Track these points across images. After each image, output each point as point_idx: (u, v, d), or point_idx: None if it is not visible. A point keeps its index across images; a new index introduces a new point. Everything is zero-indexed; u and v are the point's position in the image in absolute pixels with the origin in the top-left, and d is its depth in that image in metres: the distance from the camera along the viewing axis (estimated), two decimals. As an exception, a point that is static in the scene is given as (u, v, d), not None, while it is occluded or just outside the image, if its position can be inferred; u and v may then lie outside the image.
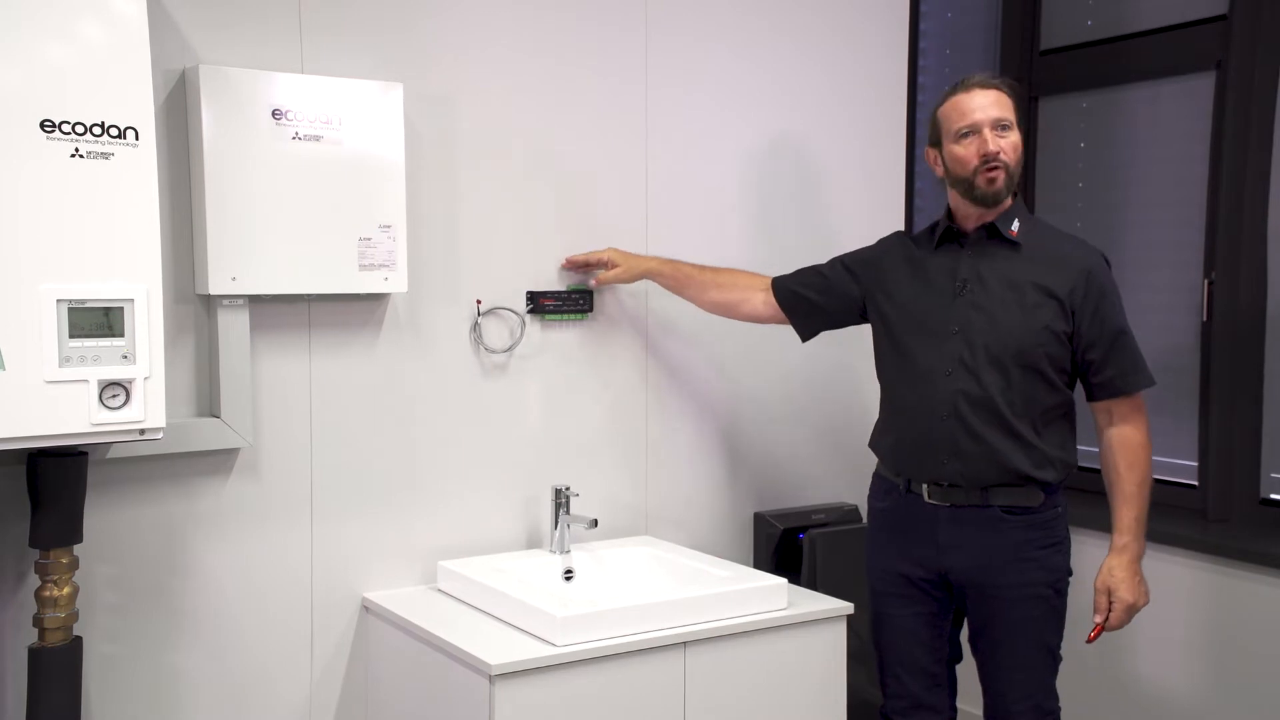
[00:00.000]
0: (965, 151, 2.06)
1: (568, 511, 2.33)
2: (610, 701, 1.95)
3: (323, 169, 2.04)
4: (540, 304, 2.38)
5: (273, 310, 2.08)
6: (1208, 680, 2.59)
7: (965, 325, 2.07)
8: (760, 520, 2.67)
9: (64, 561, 1.79)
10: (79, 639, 1.83)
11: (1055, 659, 2.13)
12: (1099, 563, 2.11)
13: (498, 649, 1.89)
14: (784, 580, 2.17)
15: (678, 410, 2.58)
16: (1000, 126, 2.05)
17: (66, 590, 1.80)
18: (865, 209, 2.83)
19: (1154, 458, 2.12)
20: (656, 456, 2.55)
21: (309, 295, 2.10)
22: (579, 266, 2.39)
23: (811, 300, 2.31)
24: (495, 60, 2.31)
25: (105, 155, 1.68)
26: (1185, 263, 2.79)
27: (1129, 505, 2.07)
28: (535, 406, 2.39)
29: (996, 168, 2.04)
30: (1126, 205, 2.96)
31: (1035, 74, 3.12)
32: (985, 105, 2.06)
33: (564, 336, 2.42)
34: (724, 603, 2.08)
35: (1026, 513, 2.06)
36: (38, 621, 1.79)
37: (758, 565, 2.60)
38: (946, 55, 3.42)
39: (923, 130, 3.45)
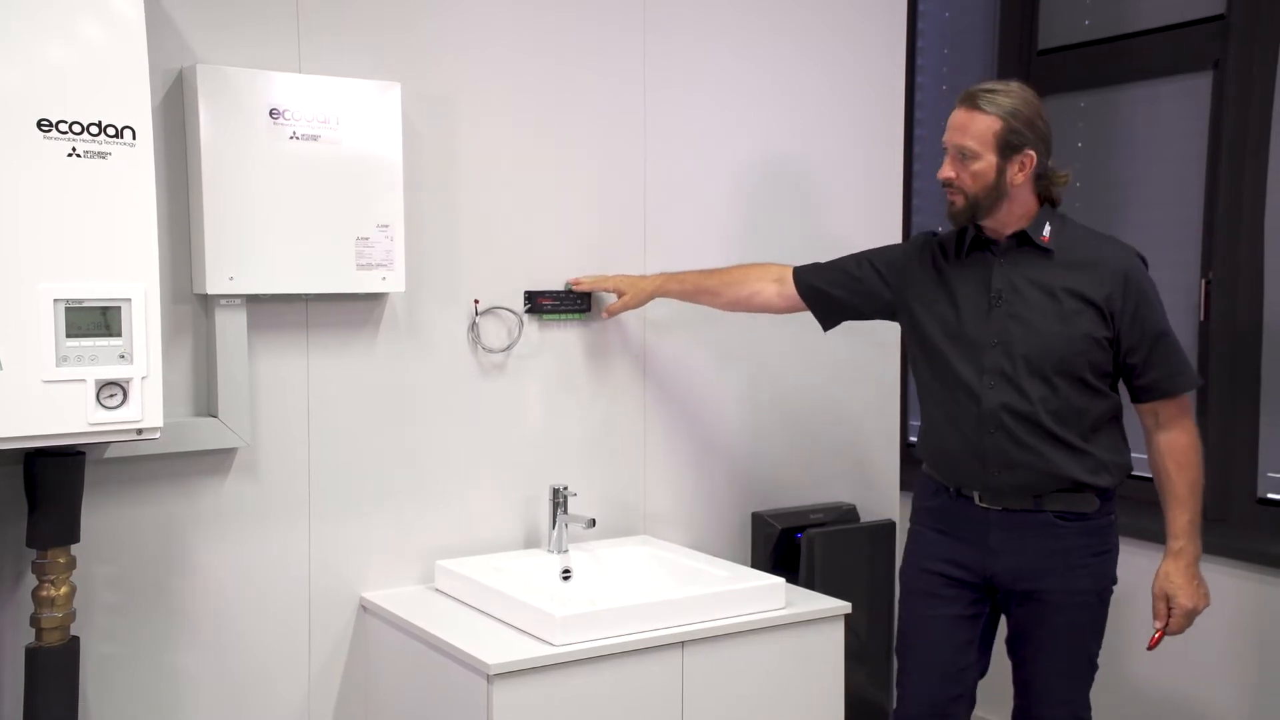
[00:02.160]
0: None
1: (566, 511, 2.32)
2: (608, 701, 1.95)
3: (320, 169, 2.04)
4: (538, 303, 2.37)
5: (270, 310, 2.08)
6: (1208, 677, 2.59)
7: (1004, 336, 2.04)
8: (758, 520, 2.67)
9: (61, 561, 1.79)
10: (76, 639, 1.83)
11: (1094, 667, 2.11)
12: (1150, 570, 2.07)
13: (496, 648, 1.89)
14: (782, 580, 2.17)
15: (676, 409, 2.58)
16: (960, 155, 2.01)
17: (64, 590, 1.79)
18: (863, 209, 2.83)
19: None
20: (654, 456, 2.55)
21: (307, 295, 2.10)
22: (584, 290, 2.40)
23: (838, 298, 2.28)
24: (493, 60, 2.30)
25: (102, 155, 1.68)
26: (1183, 262, 2.80)
27: (1182, 508, 2.03)
28: (533, 406, 2.39)
29: (952, 192, 2.03)
30: (1124, 205, 2.96)
31: (1033, 74, 3.12)
32: (954, 128, 2.02)
33: (562, 336, 2.42)
34: (722, 602, 2.08)
35: (1081, 519, 2.04)
36: (35, 621, 1.79)
37: (756, 565, 2.60)
38: (945, 55, 3.42)
39: (921, 129, 3.46)
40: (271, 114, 1.99)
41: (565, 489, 2.33)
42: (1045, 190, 2.07)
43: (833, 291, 2.28)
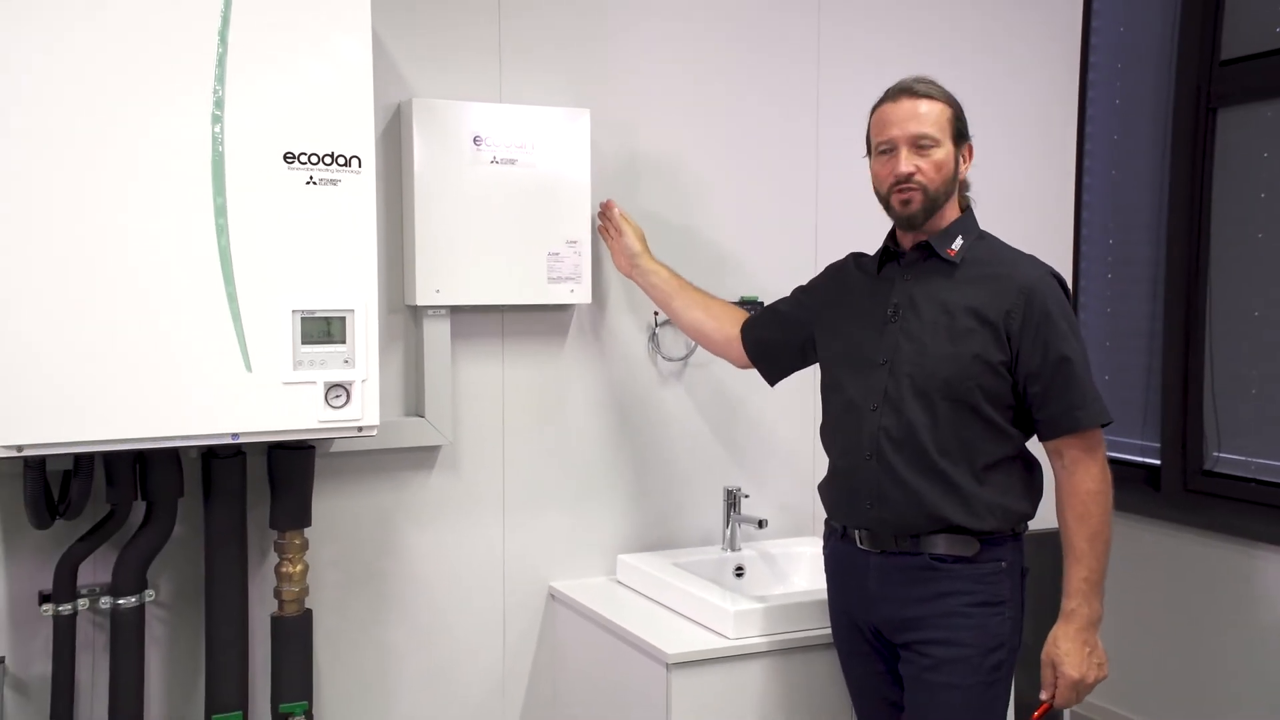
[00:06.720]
0: (882, 170, 1.86)
1: (739, 511, 2.42)
2: (779, 693, 2.04)
3: (516, 189, 2.21)
4: (713, 315, 2.47)
5: (471, 319, 2.26)
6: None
7: (893, 355, 1.85)
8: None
9: (297, 542, 2.01)
10: (309, 611, 2.05)
11: None
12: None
13: (674, 639, 2.00)
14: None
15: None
16: (919, 145, 1.82)
17: (299, 567, 2.02)
18: (1033, 234, 2.74)
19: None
20: (823, 460, 2.59)
21: (503, 306, 2.27)
22: (605, 211, 2.30)
23: (772, 341, 2.13)
24: (672, 85, 2.42)
25: (333, 182, 1.87)
26: (1378, 274, 2.68)
27: (1079, 564, 1.78)
28: (708, 411, 2.50)
29: (911, 189, 1.83)
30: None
31: (1214, 84, 3.04)
32: (904, 119, 1.83)
33: (735, 345, 2.51)
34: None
35: (960, 562, 1.81)
36: (277, 594, 2.02)
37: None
38: (1118, 69, 3.34)
39: (1090, 144, 3.37)
40: (474, 141, 2.17)
41: (738, 490, 2.43)
42: (962, 192, 1.92)
43: (767, 336, 2.14)
